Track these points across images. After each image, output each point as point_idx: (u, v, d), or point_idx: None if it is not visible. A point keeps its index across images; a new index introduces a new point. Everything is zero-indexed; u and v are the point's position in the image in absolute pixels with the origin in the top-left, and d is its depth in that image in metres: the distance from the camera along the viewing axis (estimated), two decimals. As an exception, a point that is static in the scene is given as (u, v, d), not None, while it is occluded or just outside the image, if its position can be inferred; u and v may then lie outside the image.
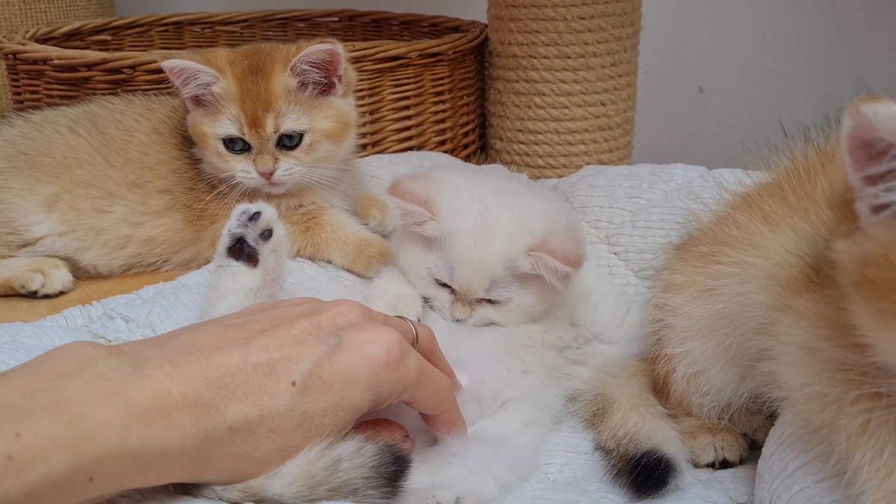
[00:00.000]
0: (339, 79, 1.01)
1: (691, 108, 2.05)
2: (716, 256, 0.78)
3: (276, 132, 0.98)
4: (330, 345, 0.60)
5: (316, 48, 0.96)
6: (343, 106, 1.03)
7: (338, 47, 0.97)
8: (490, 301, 0.89)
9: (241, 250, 0.76)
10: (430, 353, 0.72)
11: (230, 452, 0.55)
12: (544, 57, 1.41)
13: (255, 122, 0.97)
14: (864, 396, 0.56)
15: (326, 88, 1.01)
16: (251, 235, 0.75)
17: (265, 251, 0.75)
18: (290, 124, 0.98)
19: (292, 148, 0.99)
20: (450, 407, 0.70)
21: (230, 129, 0.98)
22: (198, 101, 1.01)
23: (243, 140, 0.98)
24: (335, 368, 0.59)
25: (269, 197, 1.01)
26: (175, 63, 0.98)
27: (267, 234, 0.76)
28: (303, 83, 0.98)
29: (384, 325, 0.65)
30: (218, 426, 0.54)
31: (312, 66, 0.98)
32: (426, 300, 0.92)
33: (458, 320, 0.89)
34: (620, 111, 1.47)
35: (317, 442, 0.58)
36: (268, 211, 0.75)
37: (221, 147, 0.99)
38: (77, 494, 0.49)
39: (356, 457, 0.58)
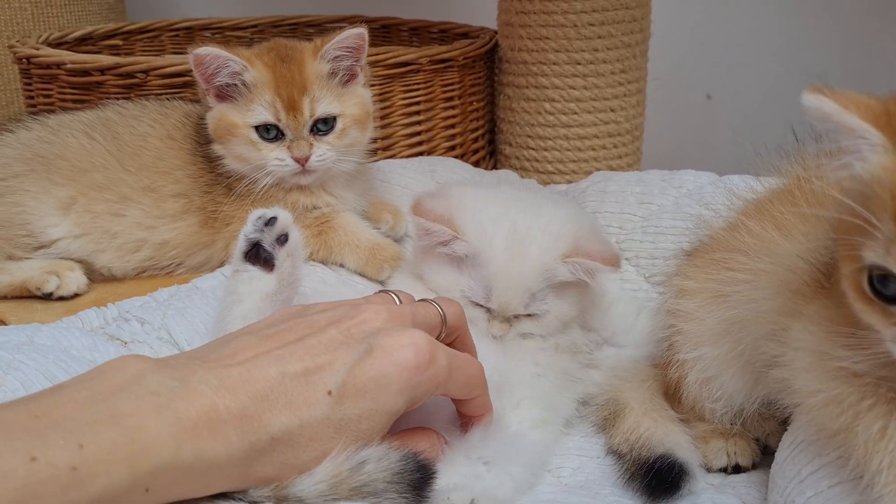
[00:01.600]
0: (362, 68, 1.04)
1: (699, 114, 2.06)
2: (728, 263, 0.78)
3: (311, 116, 1.00)
4: (360, 352, 0.61)
5: (350, 32, 1.01)
6: (365, 94, 1.06)
7: (364, 31, 1.02)
8: (526, 315, 0.88)
9: (257, 255, 0.76)
10: (459, 329, 0.73)
11: (272, 461, 0.57)
12: (554, 63, 1.42)
13: (292, 106, 0.99)
14: (881, 401, 0.57)
15: (351, 77, 1.04)
16: (267, 240, 0.76)
17: (281, 256, 0.76)
18: (325, 108, 1.00)
19: (325, 133, 1.01)
20: (482, 391, 0.71)
21: (265, 116, 0.99)
22: (222, 95, 1.01)
23: (277, 127, 1.00)
24: (367, 376, 0.60)
25: (288, 191, 1.02)
26: (207, 50, 0.98)
27: (283, 239, 0.76)
28: (332, 71, 1.02)
29: (412, 325, 0.66)
30: (261, 437, 0.56)
31: (345, 51, 1.02)
32: None
33: (496, 337, 0.88)
34: (630, 117, 1.47)
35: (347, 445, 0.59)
36: (283, 216, 0.76)
37: (255, 135, 1.00)
38: None
39: (381, 460, 0.59)
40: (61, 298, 0.99)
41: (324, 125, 1.01)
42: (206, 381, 0.56)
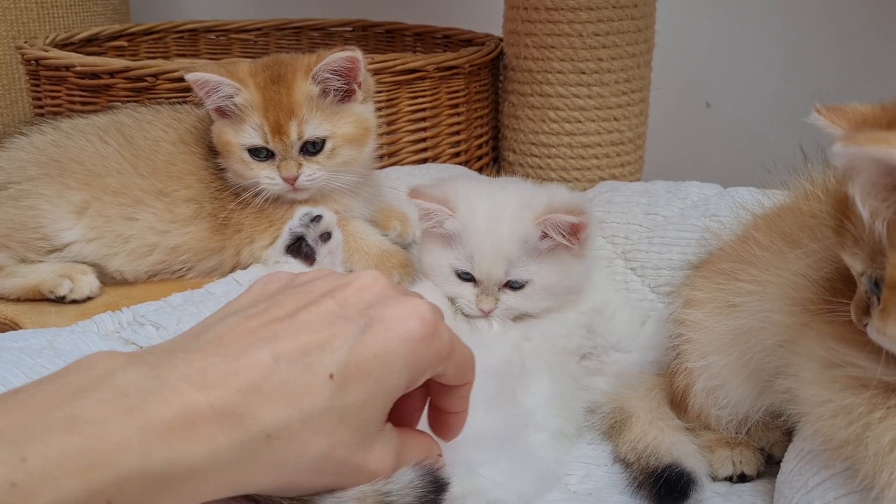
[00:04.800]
0: (359, 85, 1.03)
1: (699, 123, 2.08)
2: (737, 274, 0.80)
3: (299, 138, 1.00)
4: (361, 326, 0.54)
5: (337, 56, 0.99)
6: (363, 112, 1.05)
7: (357, 54, 1.00)
8: (513, 289, 0.92)
9: (298, 249, 0.78)
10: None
11: (270, 462, 0.51)
12: (559, 72, 1.43)
13: (278, 130, 1.00)
14: (891, 413, 0.58)
15: (347, 95, 1.03)
16: (311, 236, 0.78)
17: (322, 251, 0.78)
18: (312, 130, 1.00)
19: (315, 153, 1.02)
20: (472, 379, 0.63)
21: (254, 139, 1.00)
22: (221, 112, 1.03)
23: (266, 149, 1.01)
24: (370, 352, 0.53)
25: (293, 201, 1.03)
26: (198, 76, 1.00)
27: (325, 237, 0.78)
28: (324, 90, 1.01)
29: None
30: (254, 436, 0.49)
31: (334, 74, 1.01)
32: (452, 302, 0.94)
33: (484, 313, 0.92)
34: (633, 126, 1.49)
35: (374, 481, 0.55)
36: (328, 215, 0.79)
37: (246, 156, 1.02)
38: None
39: (404, 489, 0.56)
40: (74, 302, 1.00)
41: (313, 146, 1.01)
42: (187, 376, 0.49)
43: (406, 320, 0.55)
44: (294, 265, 0.78)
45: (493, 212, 0.92)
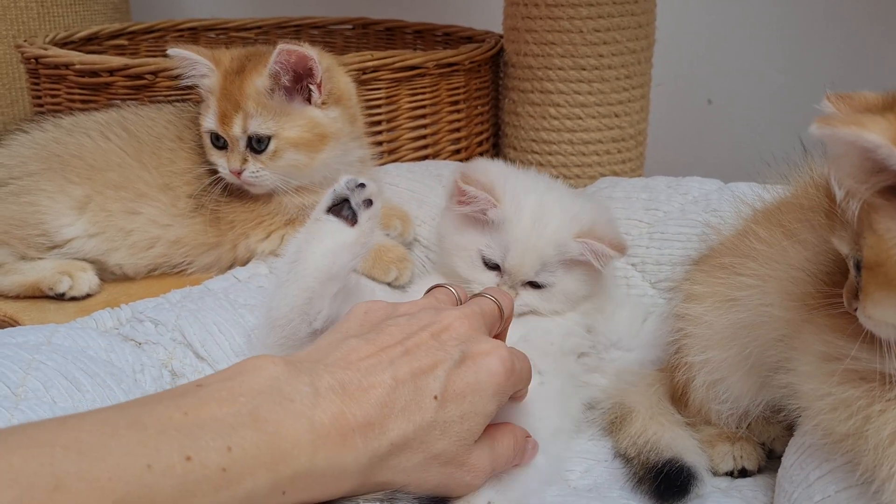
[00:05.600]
0: (319, 87, 1.00)
1: (700, 119, 2.07)
2: (738, 268, 0.79)
3: (244, 132, 0.99)
4: (455, 358, 0.64)
5: (282, 48, 0.96)
6: (319, 116, 1.01)
7: (308, 51, 0.97)
8: (534, 287, 0.93)
9: (339, 211, 0.79)
10: (511, 318, 0.77)
11: (389, 466, 0.59)
12: (559, 68, 1.43)
13: (225, 120, 1.00)
14: (891, 406, 0.58)
15: (305, 95, 1.00)
16: (355, 199, 0.79)
17: (364, 216, 0.79)
18: (255, 127, 0.99)
19: (260, 151, 1.00)
20: (529, 382, 0.74)
21: (211, 124, 1.01)
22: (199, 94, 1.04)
23: (222, 136, 1.01)
24: (465, 381, 0.63)
25: (284, 194, 1.03)
26: (177, 52, 1.03)
27: (367, 203, 0.79)
28: (275, 88, 0.99)
29: (485, 326, 0.70)
30: (383, 444, 0.58)
31: (283, 69, 0.98)
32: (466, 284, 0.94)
33: None
34: (634, 123, 1.48)
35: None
36: (371, 185, 0.80)
37: (208, 140, 1.03)
38: None
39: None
40: (73, 299, 0.99)
41: (258, 144, 1.00)
42: (333, 387, 0.58)
43: (490, 358, 0.65)
44: (336, 223, 0.78)
45: (538, 213, 0.93)
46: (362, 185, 0.80)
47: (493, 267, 0.94)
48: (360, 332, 0.66)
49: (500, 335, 0.77)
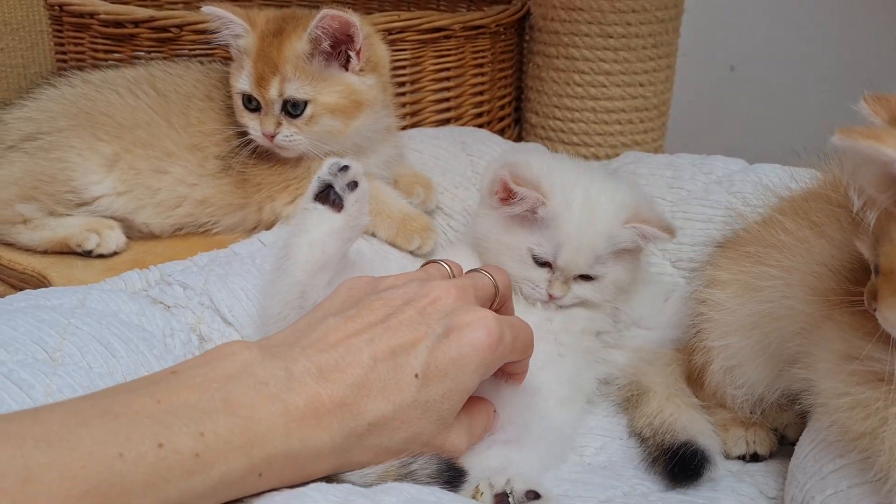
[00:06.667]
0: (358, 54, 1.00)
1: (724, 88, 2.05)
2: (763, 258, 0.80)
3: (280, 96, 0.99)
4: (438, 334, 0.63)
5: (326, 13, 0.95)
6: (356, 83, 1.01)
7: (351, 18, 0.96)
8: (584, 278, 0.93)
9: (326, 197, 0.80)
10: (508, 296, 0.77)
11: (368, 445, 0.60)
12: (586, 35, 1.41)
13: (261, 83, 0.99)
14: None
15: (343, 61, 1.00)
16: (339, 184, 0.80)
17: (350, 199, 0.80)
18: (292, 91, 0.98)
19: (296, 116, 1.00)
20: (531, 352, 0.74)
21: (245, 86, 1.00)
22: (231, 54, 1.03)
23: (256, 99, 1.00)
24: (447, 357, 0.63)
25: (312, 159, 1.03)
26: (211, 10, 1.01)
27: (353, 186, 0.80)
28: (315, 52, 0.98)
29: (475, 299, 0.69)
30: (359, 424, 0.59)
31: (325, 35, 0.97)
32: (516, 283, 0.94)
33: (551, 299, 0.92)
34: (658, 93, 1.47)
35: (396, 458, 0.62)
36: (355, 165, 0.80)
37: (240, 102, 1.02)
38: (248, 488, 0.54)
39: (424, 466, 0.63)
40: (100, 256, 1.00)
41: (294, 108, 0.99)
42: (308, 370, 0.58)
43: (476, 331, 0.64)
44: (322, 210, 0.79)
45: (588, 206, 0.91)
46: (346, 168, 0.79)
47: (544, 264, 0.92)
48: (341, 310, 0.66)
49: (507, 311, 0.76)
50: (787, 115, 1.93)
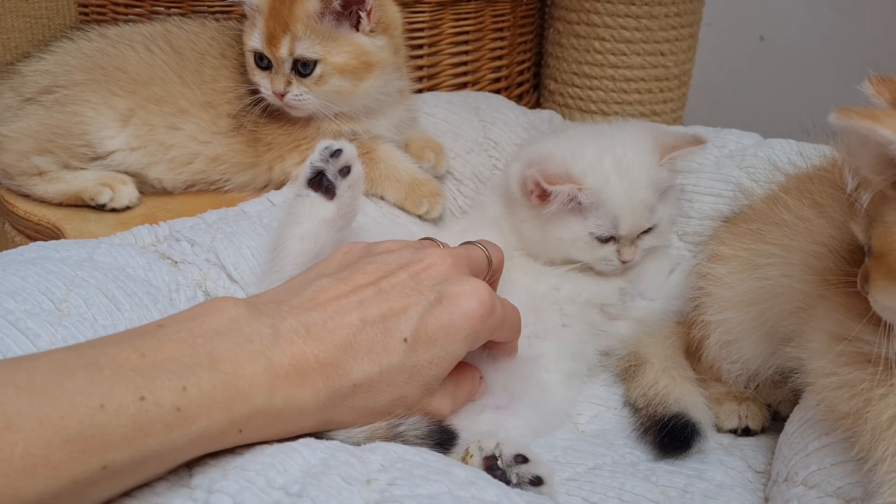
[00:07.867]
0: (369, 14, 1.00)
1: (751, 59, 2.02)
2: (765, 235, 0.80)
3: (290, 55, 0.99)
4: (430, 300, 0.64)
5: None
6: (366, 44, 1.01)
7: None
8: (645, 232, 0.95)
9: (319, 183, 0.80)
10: (500, 271, 0.78)
11: (352, 406, 0.60)
12: (608, 1, 1.40)
13: (272, 42, 0.99)
14: (893, 391, 0.60)
15: (354, 22, 1.00)
16: (331, 170, 0.79)
17: (342, 186, 0.79)
18: (302, 50, 0.98)
19: (306, 75, 1.00)
20: (518, 335, 0.75)
21: (256, 44, 1.01)
22: (245, 12, 1.04)
23: (267, 57, 1.01)
24: (438, 324, 0.63)
25: (322, 120, 1.03)
26: None
27: (345, 171, 0.80)
28: (325, 11, 0.98)
29: (468, 270, 0.70)
30: (344, 384, 0.59)
31: None
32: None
33: (624, 262, 0.94)
34: (679, 62, 1.46)
35: (383, 420, 0.63)
36: (349, 149, 0.79)
37: (252, 59, 1.02)
38: (229, 443, 0.54)
39: (413, 427, 0.64)
40: (113, 210, 1.02)
41: (303, 67, 0.99)
42: (295, 329, 0.58)
43: (468, 299, 0.65)
44: (315, 198, 0.79)
45: (622, 171, 0.92)
46: (338, 152, 0.79)
47: (608, 239, 0.93)
48: (335, 272, 0.66)
49: (495, 287, 0.77)
50: (816, 89, 1.90)
